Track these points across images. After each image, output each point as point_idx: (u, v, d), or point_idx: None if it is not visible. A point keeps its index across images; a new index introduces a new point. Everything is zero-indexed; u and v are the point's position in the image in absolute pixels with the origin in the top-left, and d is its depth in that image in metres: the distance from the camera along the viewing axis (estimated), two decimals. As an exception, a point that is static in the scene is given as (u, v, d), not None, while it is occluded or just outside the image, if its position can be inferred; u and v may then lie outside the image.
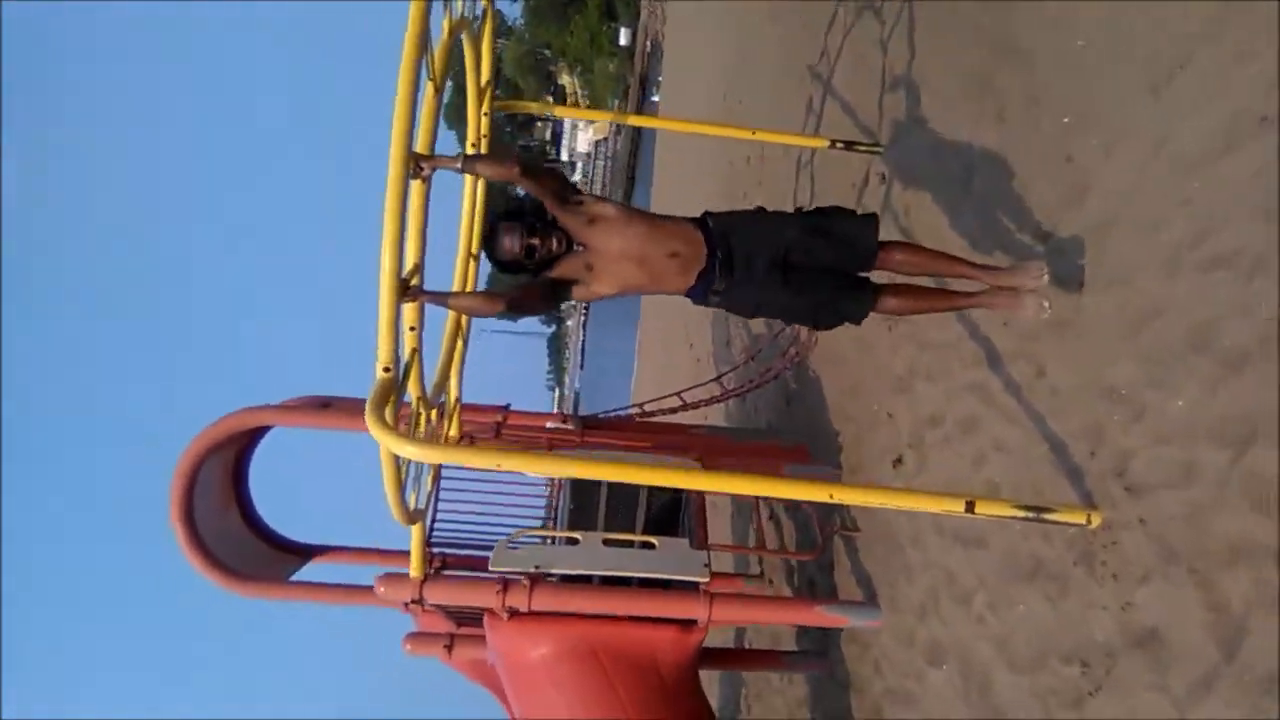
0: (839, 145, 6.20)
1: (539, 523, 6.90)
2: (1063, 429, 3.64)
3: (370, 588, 5.44)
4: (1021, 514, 3.15)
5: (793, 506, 6.73)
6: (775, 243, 3.58)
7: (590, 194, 3.78)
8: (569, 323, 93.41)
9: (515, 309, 3.71)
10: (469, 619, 5.44)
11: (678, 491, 5.64)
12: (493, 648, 5.12)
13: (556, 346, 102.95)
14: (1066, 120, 3.95)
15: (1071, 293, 3.68)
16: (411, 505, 3.96)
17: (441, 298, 3.80)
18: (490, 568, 4.90)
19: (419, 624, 5.65)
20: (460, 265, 4.86)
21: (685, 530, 5.52)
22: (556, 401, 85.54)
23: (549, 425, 7.10)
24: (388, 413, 3.32)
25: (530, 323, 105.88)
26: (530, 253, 3.57)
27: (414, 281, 3.60)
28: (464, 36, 4.43)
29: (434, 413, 4.66)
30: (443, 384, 4.85)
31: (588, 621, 4.95)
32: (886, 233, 5.59)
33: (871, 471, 5.54)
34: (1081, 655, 3.31)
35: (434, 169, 3.59)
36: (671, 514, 5.78)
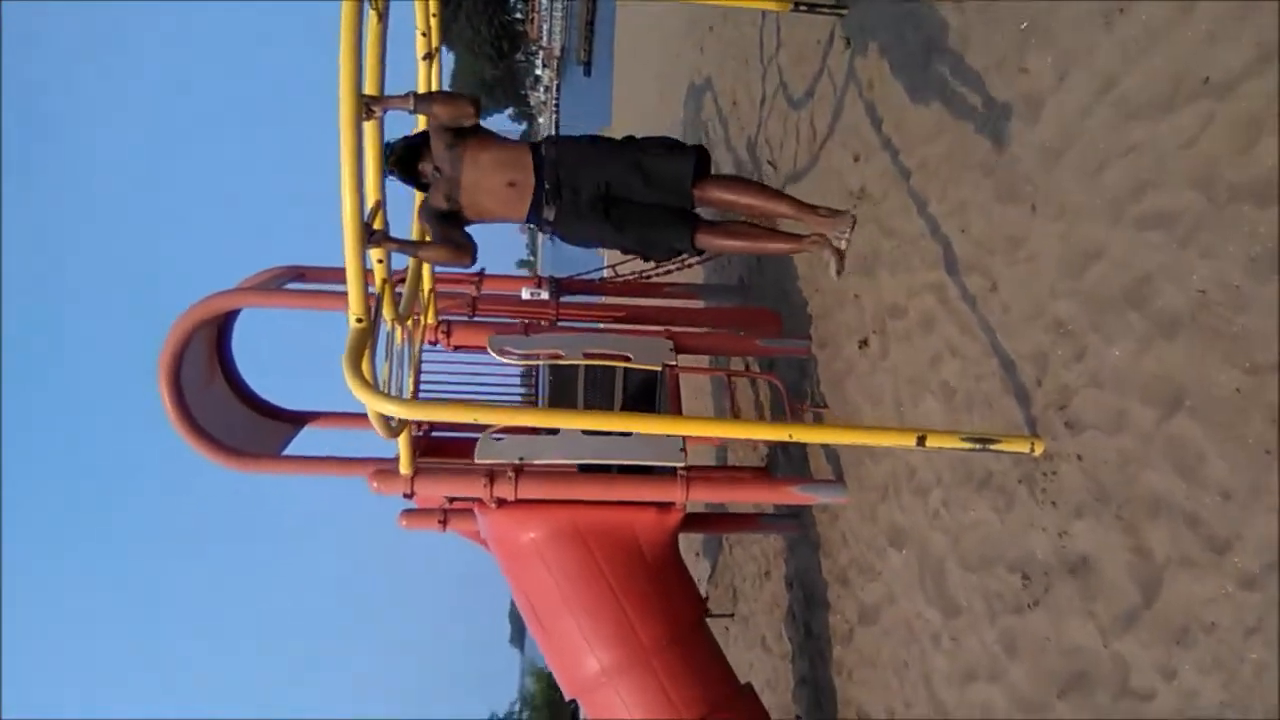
0: (802, 8, 6.03)
1: (519, 393, 7.12)
2: (1013, 349, 3.78)
3: (365, 460, 5.70)
4: (968, 446, 3.37)
5: (766, 382, 6.94)
6: (598, 177, 3.69)
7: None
8: (540, 119, 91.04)
9: (474, 250, 3.86)
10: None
11: (652, 372, 5.82)
12: (484, 531, 5.44)
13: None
14: (1024, 26, 3.88)
15: (1024, 211, 3.75)
16: (395, 423, 4.16)
17: (409, 246, 3.88)
18: (475, 459, 5.13)
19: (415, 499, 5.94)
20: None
21: (661, 413, 5.73)
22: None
23: (525, 294, 7.19)
24: (365, 366, 3.46)
25: (501, 121, 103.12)
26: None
27: (377, 224, 3.65)
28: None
29: (410, 321, 4.78)
30: (418, 273, 4.94)
31: (572, 506, 5.25)
32: (853, 109, 5.58)
33: (839, 348, 5.71)
34: (1023, 568, 3.59)
35: (385, 110, 3.59)
36: (648, 391, 5.99)
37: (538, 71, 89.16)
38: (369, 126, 3.51)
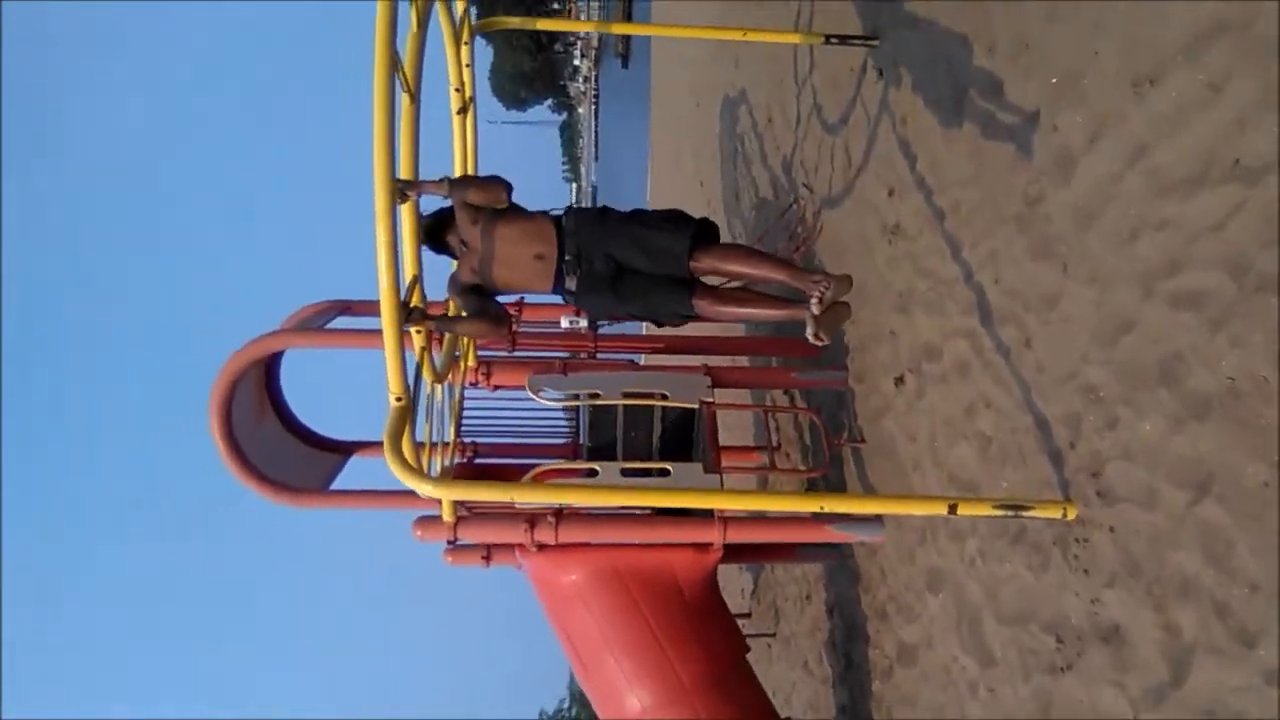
0: (834, 41, 6.04)
1: (563, 428, 7.21)
2: (1047, 409, 3.80)
3: (411, 492, 5.83)
4: (1000, 513, 3.39)
5: (804, 421, 6.97)
6: (606, 249, 3.78)
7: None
8: (580, 110, 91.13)
9: (507, 321, 3.93)
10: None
11: (690, 410, 5.89)
12: (526, 573, 5.55)
13: (569, 135, 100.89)
14: (1054, 81, 3.88)
15: (1056, 270, 3.76)
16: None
17: (447, 323, 3.96)
18: (516, 506, 5.22)
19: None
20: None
21: (698, 449, 5.80)
22: (574, 193, 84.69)
23: (564, 323, 7.27)
24: (406, 443, 3.55)
25: (540, 111, 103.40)
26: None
27: (414, 301, 3.74)
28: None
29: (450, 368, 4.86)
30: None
31: (611, 549, 5.33)
32: (886, 141, 5.60)
33: (876, 384, 5.74)
34: (1057, 630, 3.62)
35: (420, 194, 3.66)
36: (686, 428, 6.05)
37: (576, 63, 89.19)
38: (405, 206, 3.60)
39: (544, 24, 6.38)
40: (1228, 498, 2.74)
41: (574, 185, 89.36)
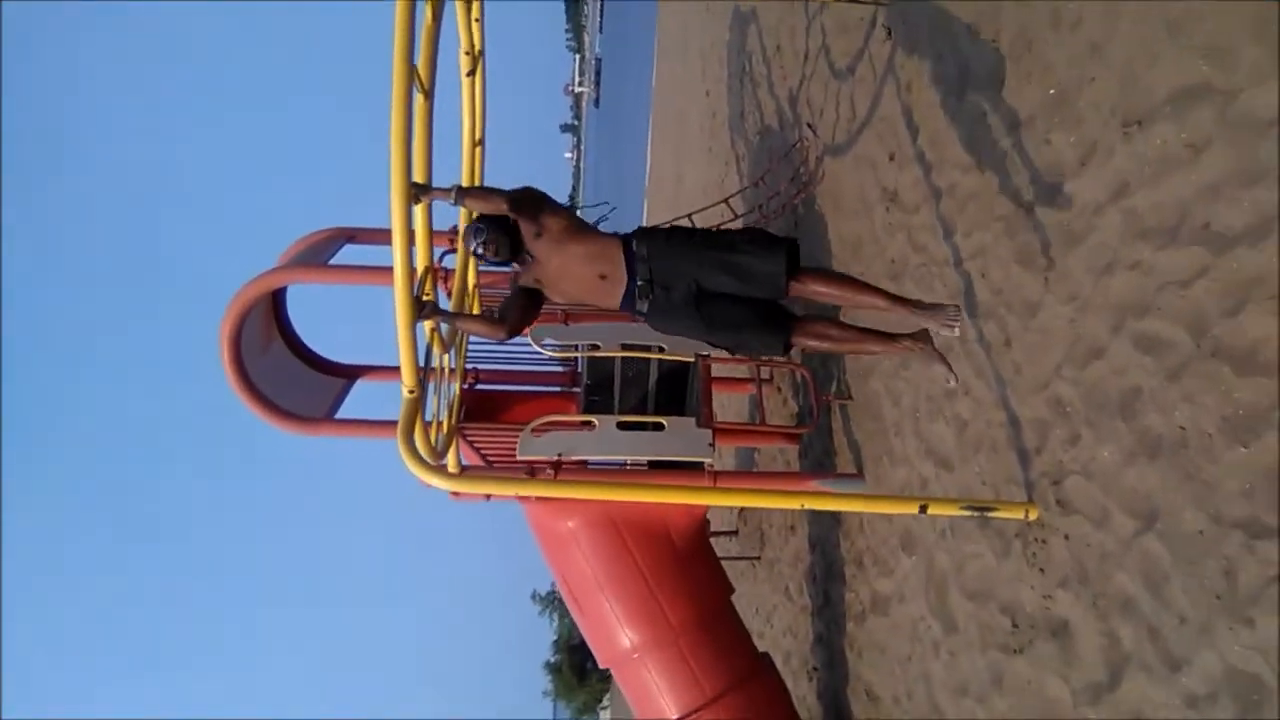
0: (842, -1, 6.07)
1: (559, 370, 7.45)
2: (1019, 410, 4.05)
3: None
4: (968, 514, 3.69)
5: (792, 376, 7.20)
6: (688, 275, 3.65)
7: (554, 205, 3.85)
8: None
9: (514, 330, 4.02)
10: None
11: (685, 361, 6.13)
12: (527, 518, 5.89)
13: (573, 2, 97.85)
14: (1052, 92, 4.00)
15: (1038, 280, 3.96)
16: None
17: (451, 318, 4.15)
18: (518, 455, 5.51)
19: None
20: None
21: (692, 402, 6.06)
22: (578, 66, 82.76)
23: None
24: (418, 435, 3.78)
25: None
26: (479, 259, 3.84)
27: (427, 295, 3.91)
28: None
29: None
30: (463, 283, 5.25)
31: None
32: (889, 103, 5.67)
33: (864, 343, 5.97)
34: (1013, 614, 3.96)
35: (431, 200, 3.80)
36: (681, 377, 6.30)
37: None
38: (419, 206, 3.74)
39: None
40: (1168, 535, 3.02)
41: (577, 56, 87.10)
